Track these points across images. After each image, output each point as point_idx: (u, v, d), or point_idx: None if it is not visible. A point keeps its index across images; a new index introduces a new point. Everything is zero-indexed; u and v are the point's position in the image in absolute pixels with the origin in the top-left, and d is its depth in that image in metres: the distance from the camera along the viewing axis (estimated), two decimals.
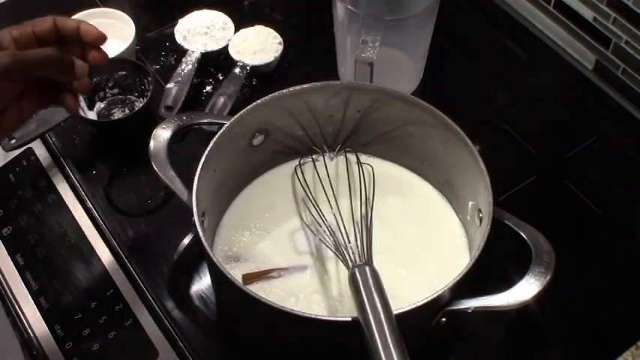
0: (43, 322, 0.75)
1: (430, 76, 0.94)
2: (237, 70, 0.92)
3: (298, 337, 0.66)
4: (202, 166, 0.69)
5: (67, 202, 0.83)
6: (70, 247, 0.80)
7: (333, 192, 0.75)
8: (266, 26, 0.96)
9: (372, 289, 0.60)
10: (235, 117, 0.73)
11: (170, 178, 0.70)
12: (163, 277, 0.77)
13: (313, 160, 0.80)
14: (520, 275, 0.63)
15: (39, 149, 0.88)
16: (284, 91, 0.74)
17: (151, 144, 0.73)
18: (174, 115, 0.86)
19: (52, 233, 0.81)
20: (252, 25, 0.97)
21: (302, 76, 0.81)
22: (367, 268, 0.61)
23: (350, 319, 0.59)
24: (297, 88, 0.75)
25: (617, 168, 0.88)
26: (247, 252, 0.74)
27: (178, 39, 0.96)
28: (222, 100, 0.89)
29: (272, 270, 0.72)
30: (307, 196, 0.75)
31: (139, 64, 0.91)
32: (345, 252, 0.67)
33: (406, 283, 0.71)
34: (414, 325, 0.61)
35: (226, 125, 0.72)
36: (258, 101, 0.74)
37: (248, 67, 0.93)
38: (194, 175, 0.68)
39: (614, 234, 0.82)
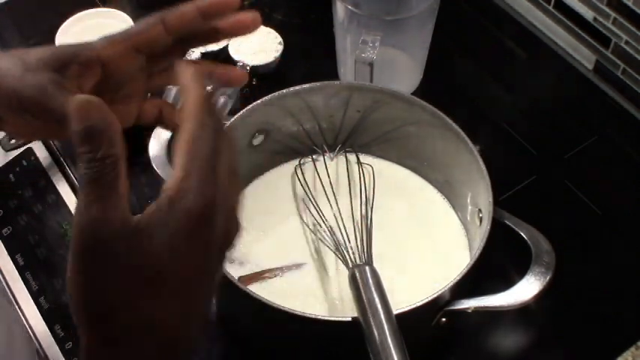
0: (43, 322, 0.75)
1: (430, 76, 0.94)
2: None
3: (298, 337, 0.66)
4: None
5: (67, 202, 0.83)
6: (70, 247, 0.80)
7: (333, 192, 0.75)
8: (266, 26, 0.96)
9: (372, 289, 0.60)
10: (235, 117, 0.73)
11: None
12: None
13: (313, 160, 0.80)
14: (520, 275, 0.63)
15: (39, 149, 0.88)
16: (284, 91, 0.74)
17: (151, 144, 0.73)
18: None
19: (52, 233, 0.81)
20: None
21: (302, 76, 0.81)
22: (367, 268, 0.61)
23: (350, 319, 0.59)
24: (297, 88, 0.75)
25: (617, 168, 0.88)
26: (247, 252, 0.74)
27: None
28: (222, 100, 0.89)
29: (269, 270, 0.72)
30: (307, 196, 0.75)
31: None
32: (345, 252, 0.67)
33: (406, 284, 0.71)
34: (414, 325, 0.61)
35: (226, 125, 0.72)
36: (258, 101, 0.74)
37: (248, 67, 0.93)
38: None
39: (614, 234, 0.82)
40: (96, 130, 0.38)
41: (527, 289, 0.62)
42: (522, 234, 0.67)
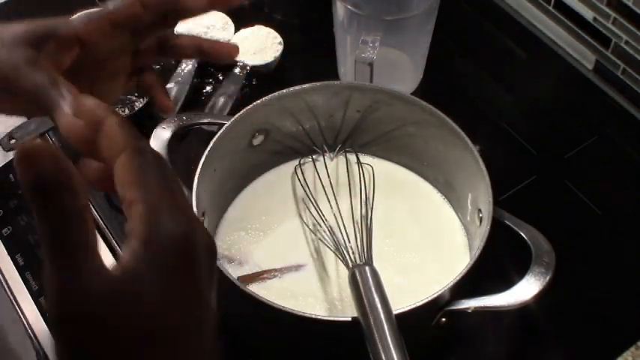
0: (43, 322, 0.75)
1: (430, 76, 0.94)
2: (237, 70, 0.92)
3: (298, 337, 0.66)
4: (202, 166, 0.69)
5: None
6: None
7: (333, 192, 0.75)
8: (266, 26, 0.96)
9: (372, 289, 0.60)
10: (235, 117, 0.73)
11: None
12: None
13: (313, 160, 0.80)
14: (520, 275, 0.63)
15: None
16: (284, 91, 0.74)
17: (151, 144, 0.73)
18: (175, 115, 0.86)
19: None
20: (252, 25, 0.97)
21: (302, 76, 0.81)
22: (367, 268, 0.61)
23: (350, 319, 0.59)
24: (297, 88, 0.75)
25: (617, 168, 0.88)
26: (247, 252, 0.74)
27: None
28: (222, 100, 0.89)
29: (268, 271, 0.72)
30: (307, 196, 0.75)
31: None
32: (345, 252, 0.67)
33: (406, 284, 0.71)
34: (414, 325, 0.61)
35: (226, 125, 0.72)
36: (258, 101, 0.74)
37: (248, 67, 0.93)
38: (194, 175, 0.68)
39: (614, 234, 0.82)
40: (47, 182, 0.31)
41: (527, 289, 0.62)
42: (522, 234, 0.67)
